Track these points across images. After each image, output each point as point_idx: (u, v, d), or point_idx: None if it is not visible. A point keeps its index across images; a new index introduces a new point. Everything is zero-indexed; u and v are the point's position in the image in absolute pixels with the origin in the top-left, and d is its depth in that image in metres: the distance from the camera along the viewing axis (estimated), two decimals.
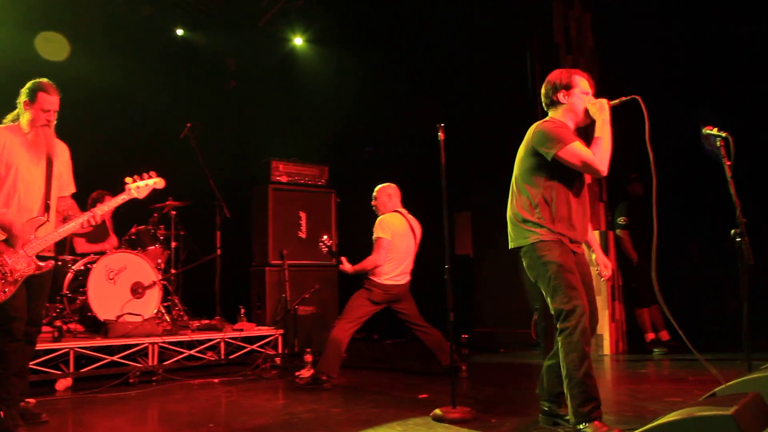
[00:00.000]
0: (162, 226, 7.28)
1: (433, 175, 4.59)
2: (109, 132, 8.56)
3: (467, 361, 6.04)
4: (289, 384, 5.76)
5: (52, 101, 4.12)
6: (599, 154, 3.43)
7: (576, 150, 3.45)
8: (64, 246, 6.99)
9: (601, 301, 6.74)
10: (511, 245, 3.73)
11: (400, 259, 5.85)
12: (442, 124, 4.38)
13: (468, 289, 8.74)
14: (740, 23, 7.09)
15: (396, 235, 5.84)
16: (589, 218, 3.81)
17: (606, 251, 7.09)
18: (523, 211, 3.64)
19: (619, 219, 7.48)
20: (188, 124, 7.58)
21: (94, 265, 6.26)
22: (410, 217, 6.05)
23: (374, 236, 5.85)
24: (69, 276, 6.59)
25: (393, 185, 6.14)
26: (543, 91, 3.76)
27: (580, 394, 3.37)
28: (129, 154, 8.23)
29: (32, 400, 4.71)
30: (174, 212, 7.25)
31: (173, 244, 7.24)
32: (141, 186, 4.38)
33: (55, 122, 4.15)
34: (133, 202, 7.50)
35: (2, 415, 3.75)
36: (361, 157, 10.57)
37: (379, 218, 5.95)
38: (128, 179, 4.34)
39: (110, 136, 8.55)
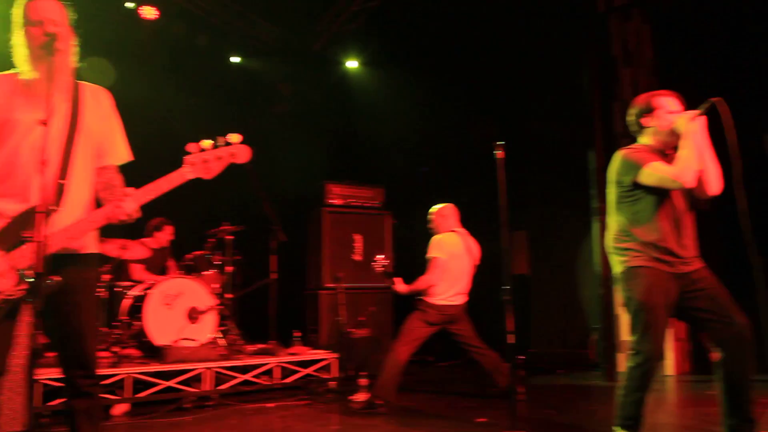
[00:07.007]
0: (218, 252, 7.29)
1: (488, 194, 4.48)
2: (160, 159, 8.57)
3: (524, 383, 5.84)
4: (344, 408, 5.65)
5: (41, 6, 2.57)
6: (679, 166, 3.33)
7: (652, 170, 3.42)
8: (120, 273, 6.96)
9: None
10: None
11: (455, 279, 5.71)
12: (502, 142, 4.28)
13: (524, 309, 8.50)
14: None
15: (451, 255, 5.72)
16: (692, 232, 3.58)
17: None
18: (613, 241, 3.62)
19: None
20: None
21: (151, 291, 6.30)
22: (467, 237, 5.92)
23: (428, 255, 5.74)
24: (127, 302, 6.58)
25: (450, 206, 6.02)
26: (628, 119, 3.74)
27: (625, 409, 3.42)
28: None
29: None
30: (229, 237, 7.21)
31: (229, 268, 7.22)
32: (209, 158, 2.68)
33: (72, 46, 2.67)
34: (187, 227, 7.44)
35: None
36: (416, 178, 10.46)
37: (433, 238, 5.84)
38: (191, 147, 2.68)
39: (161, 163, 8.53)
